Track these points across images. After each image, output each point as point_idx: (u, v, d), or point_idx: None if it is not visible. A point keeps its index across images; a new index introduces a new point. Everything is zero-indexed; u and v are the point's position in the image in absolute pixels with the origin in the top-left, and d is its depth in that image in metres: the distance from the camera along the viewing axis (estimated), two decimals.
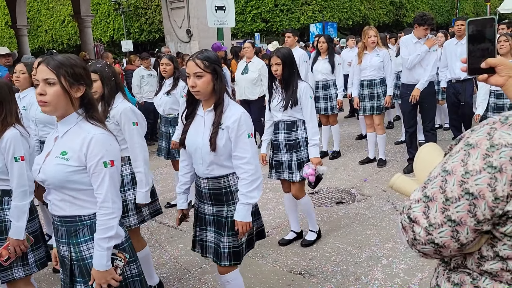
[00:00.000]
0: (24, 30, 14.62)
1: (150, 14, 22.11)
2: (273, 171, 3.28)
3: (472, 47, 0.98)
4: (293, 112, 3.08)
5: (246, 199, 2.05)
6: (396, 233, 3.48)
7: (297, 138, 3.14)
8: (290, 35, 6.04)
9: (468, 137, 0.87)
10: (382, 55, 5.10)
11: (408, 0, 25.34)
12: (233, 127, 1.99)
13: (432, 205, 0.87)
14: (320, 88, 5.63)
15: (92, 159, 1.60)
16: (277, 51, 3.01)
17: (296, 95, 3.01)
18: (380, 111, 5.20)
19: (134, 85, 7.04)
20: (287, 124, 3.15)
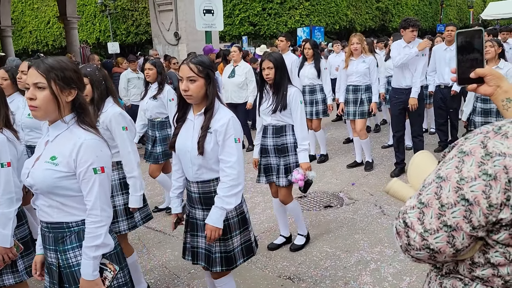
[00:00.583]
0: (8, 31, 14.37)
1: (137, 16, 21.96)
2: (262, 175, 3.26)
3: (461, 57, 1.01)
4: (282, 117, 3.08)
5: (221, 203, 2.01)
6: (384, 237, 3.51)
7: (286, 143, 3.14)
8: (283, 39, 6.07)
9: (461, 144, 0.88)
10: (368, 62, 5.16)
11: (394, 6, 25.71)
12: (221, 131, 1.99)
13: (427, 211, 0.87)
14: (307, 92, 5.67)
15: (82, 165, 1.57)
16: (269, 55, 3.02)
17: (286, 99, 3.01)
18: (363, 116, 5.25)
19: (121, 87, 6.97)
20: (276, 129, 3.14)
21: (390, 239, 3.46)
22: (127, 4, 21.88)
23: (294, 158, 3.15)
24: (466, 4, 32.26)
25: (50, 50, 25.36)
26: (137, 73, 7.18)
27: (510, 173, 0.79)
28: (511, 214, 0.80)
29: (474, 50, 0.99)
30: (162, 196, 4.80)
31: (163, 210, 4.42)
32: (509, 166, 0.79)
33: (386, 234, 3.54)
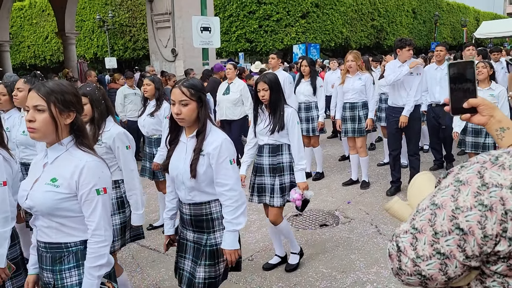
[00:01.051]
0: (6, 46, 14.43)
1: (135, 32, 22.14)
2: (254, 195, 3.24)
3: (454, 87, 1.02)
4: (279, 137, 3.09)
5: (232, 226, 2.02)
6: (380, 257, 3.49)
7: (281, 162, 3.13)
8: (274, 57, 6.13)
9: (458, 173, 0.88)
10: (364, 79, 5.20)
11: (389, 24, 26.13)
12: (214, 154, 1.98)
13: (421, 237, 0.87)
14: (303, 109, 5.71)
15: (85, 187, 1.59)
16: (264, 77, 3.03)
17: (283, 119, 3.03)
18: (362, 133, 5.28)
19: (118, 103, 6.98)
20: (272, 148, 3.14)
21: (386, 259, 3.44)
22: (125, 20, 22.09)
23: (289, 178, 3.14)
24: (459, 23, 32.87)
25: (48, 65, 25.46)
26: (133, 89, 7.21)
27: (507, 204, 0.79)
28: (509, 246, 0.80)
29: (467, 80, 1.01)
30: (157, 213, 4.76)
31: (158, 227, 4.38)
32: (506, 198, 0.80)
33: (382, 255, 3.52)
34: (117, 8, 22.21)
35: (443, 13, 31.77)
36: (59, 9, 13.03)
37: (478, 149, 4.35)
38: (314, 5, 20.96)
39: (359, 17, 23.87)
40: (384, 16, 25.60)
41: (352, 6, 23.14)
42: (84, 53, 23.96)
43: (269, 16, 19.93)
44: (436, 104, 5.62)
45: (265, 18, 19.98)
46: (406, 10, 27.74)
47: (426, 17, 29.91)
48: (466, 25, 31.18)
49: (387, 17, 25.86)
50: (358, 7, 23.61)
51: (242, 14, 20.08)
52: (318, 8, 21.24)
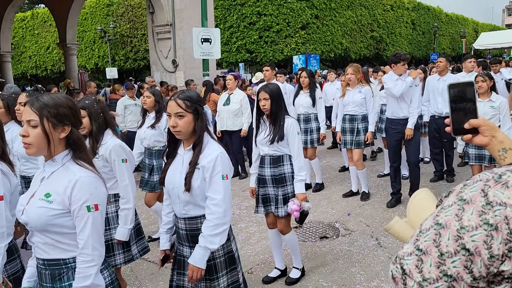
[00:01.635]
0: (8, 57, 14.50)
1: (136, 43, 22.30)
2: (260, 206, 3.23)
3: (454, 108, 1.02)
4: (279, 147, 3.08)
5: (205, 243, 1.93)
6: (381, 270, 3.45)
7: (283, 173, 3.12)
8: (268, 69, 6.13)
9: (460, 191, 0.87)
10: (364, 92, 5.20)
11: (388, 35, 26.32)
12: (208, 167, 1.94)
13: (426, 259, 0.85)
14: (301, 121, 5.71)
15: (76, 203, 1.55)
16: (265, 87, 3.05)
17: (283, 130, 3.03)
18: (359, 146, 5.25)
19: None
20: (273, 159, 3.14)
21: (387, 272, 3.41)
22: (127, 31, 22.26)
23: (292, 188, 3.13)
24: (458, 34, 33.11)
25: (49, 75, 25.59)
26: (134, 99, 7.22)
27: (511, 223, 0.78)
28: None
29: (467, 100, 1.01)
30: (156, 225, 4.73)
31: (157, 239, 4.35)
32: (510, 217, 0.78)
33: (383, 268, 3.49)
34: (119, 19, 22.40)
35: (442, 25, 32.04)
36: (60, 20, 13.12)
37: (483, 161, 4.32)
38: (314, 17, 21.14)
39: (358, 28, 24.05)
40: (384, 27, 25.81)
41: (351, 18, 23.34)
42: (85, 64, 24.09)
43: (269, 27, 20.08)
44: (439, 115, 5.62)
45: (265, 29, 20.14)
46: (405, 22, 27.97)
47: (425, 28, 30.14)
48: (465, 36, 31.41)
49: (387, 28, 26.07)
50: (357, 18, 23.81)
51: (242, 25, 20.24)
52: (318, 19, 21.42)
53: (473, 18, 38.35)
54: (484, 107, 4.26)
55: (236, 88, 6.58)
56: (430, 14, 30.94)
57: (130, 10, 22.14)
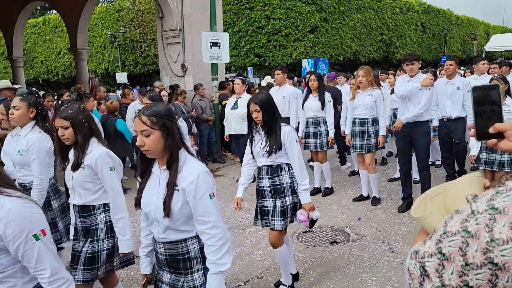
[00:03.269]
0: (20, 62, 14.70)
1: (146, 48, 22.48)
2: (258, 218, 3.13)
3: (478, 112, 0.98)
4: (277, 157, 2.97)
5: (217, 268, 1.76)
6: (393, 276, 3.40)
7: (282, 183, 3.01)
8: (279, 73, 6.11)
9: (492, 199, 0.81)
10: (375, 95, 5.13)
11: (397, 38, 26.16)
12: (190, 189, 1.73)
13: (449, 265, 0.80)
14: (311, 124, 5.68)
15: (17, 239, 1.40)
16: (255, 98, 2.91)
17: (280, 139, 2.92)
18: (370, 150, 5.18)
19: (129, 118, 7.03)
20: (271, 169, 3.03)
21: (399, 278, 3.35)
22: (136, 36, 22.46)
23: (291, 199, 3.02)
24: (469, 37, 32.79)
25: (60, 80, 25.90)
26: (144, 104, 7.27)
27: None
28: None
29: (492, 104, 0.97)
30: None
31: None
32: None
33: (395, 274, 3.43)
34: (128, 24, 22.62)
35: (453, 27, 31.77)
36: (71, 25, 13.27)
37: (493, 166, 4.24)
38: (323, 20, 21.11)
39: (367, 31, 23.95)
40: (393, 30, 25.66)
41: (360, 21, 23.25)
42: (96, 68, 24.35)
43: (278, 31, 20.09)
44: (448, 119, 5.55)
45: (274, 33, 20.15)
46: (415, 24, 27.79)
47: (435, 31, 29.91)
48: (476, 39, 31.08)
49: (396, 31, 25.91)
50: (366, 21, 23.71)
51: (251, 29, 20.28)
52: (327, 22, 21.38)
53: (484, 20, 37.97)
54: None
55: (244, 92, 6.59)
56: (440, 17, 30.71)
57: (139, 15, 22.35)
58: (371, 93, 5.14)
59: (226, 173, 7.34)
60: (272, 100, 2.95)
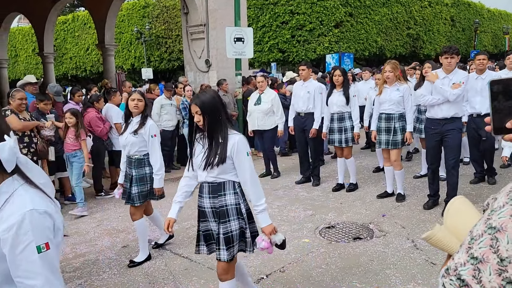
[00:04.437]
0: (51, 58, 15.14)
1: (171, 44, 22.74)
2: (201, 244, 2.62)
3: (496, 106, 0.96)
4: (220, 172, 2.45)
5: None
6: (417, 273, 3.36)
7: (225, 205, 2.47)
8: (304, 68, 6.04)
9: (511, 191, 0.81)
10: (402, 90, 5.02)
11: (425, 33, 25.49)
12: (6, 238, 1.22)
13: (484, 267, 0.78)
14: (335, 120, 5.65)
15: None
16: (196, 98, 2.43)
17: (226, 150, 2.40)
18: (396, 146, 5.09)
19: (154, 113, 7.17)
20: (212, 187, 2.49)
21: (423, 275, 3.31)
22: (161, 32, 22.74)
23: (237, 224, 2.49)
24: (501, 31, 31.65)
25: (88, 76, 26.54)
26: (170, 99, 7.39)
27: None
28: None
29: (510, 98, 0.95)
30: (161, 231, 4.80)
31: (162, 245, 4.20)
32: None
33: (419, 271, 3.39)
34: (154, 20, 22.92)
35: (484, 20, 30.71)
36: (99, 22, 13.57)
37: None
38: (348, 15, 20.79)
39: (394, 25, 23.45)
40: (421, 24, 25.02)
41: (387, 15, 22.78)
42: (122, 64, 24.82)
43: (302, 26, 19.93)
44: (477, 114, 5.40)
45: (298, 28, 20.01)
46: (444, 18, 27.00)
47: (465, 24, 28.99)
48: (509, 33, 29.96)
49: (424, 25, 25.25)
50: (393, 15, 23.22)
51: (275, 25, 20.20)
52: (352, 17, 21.05)
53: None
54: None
55: (267, 87, 6.63)
56: (471, 10, 29.72)
57: (165, 11, 22.60)
58: (398, 88, 5.03)
59: None
60: (219, 103, 2.45)
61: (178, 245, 4.20)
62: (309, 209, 5.11)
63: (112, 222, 5.02)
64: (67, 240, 4.48)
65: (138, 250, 4.10)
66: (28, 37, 28.27)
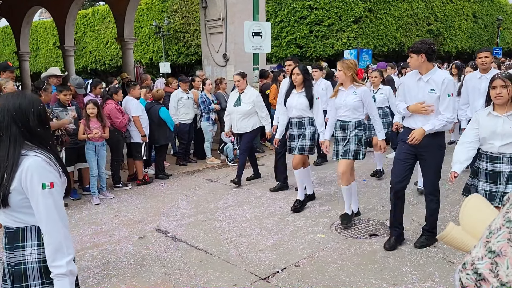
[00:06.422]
0: (71, 51, 15.39)
1: (189, 38, 22.84)
2: None
3: None
4: (16, 213, 1.65)
5: None
6: (435, 271, 3.31)
7: (23, 262, 1.67)
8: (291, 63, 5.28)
9: None
10: (359, 94, 4.17)
11: (446, 29, 24.98)
12: None
13: (502, 261, 0.77)
14: (295, 125, 4.86)
15: None
16: None
17: (11, 180, 1.60)
18: (346, 156, 4.23)
19: (171, 107, 7.22)
20: (8, 234, 1.70)
21: (441, 274, 3.26)
22: (180, 27, 22.86)
23: None
24: None
25: (107, 69, 26.90)
26: (187, 93, 7.43)
27: None
28: None
29: None
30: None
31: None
32: None
33: (436, 269, 3.34)
34: (172, 14, 23.06)
35: (507, 17, 29.91)
36: (119, 16, 13.71)
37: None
38: (367, 10, 20.52)
39: (414, 21, 23.05)
40: (442, 20, 24.52)
41: (407, 11, 22.40)
42: (141, 58, 25.07)
43: (321, 21, 19.76)
44: None
45: (316, 23, 19.84)
46: (466, 14, 26.40)
47: (487, 21, 28.28)
48: None
49: (445, 21, 24.74)
50: (413, 11, 22.81)
51: (293, 20, 20.08)
52: (371, 12, 20.77)
53: None
54: (505, 126, 2.85)
55: (248, 86, 6.02)
56: (494, 6, 28.96)
57: (183, 5, 22.71)
58: (355, 91, 4.19)
59: (265, 162, 7.38)
60: (19, 109, 1.65)
61: (194, 237, 4.24)
62: (325, 204, 5.09)
63: (129, 213, 5.10)
64: (85, 230, 4.57)
65: (154, 241, 4.18)
66: (49, 31, 28.79)
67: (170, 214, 4.96)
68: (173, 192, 5.94)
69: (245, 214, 4.88)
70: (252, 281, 3.30)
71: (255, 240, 4.09)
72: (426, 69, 3.49)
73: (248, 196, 5.57)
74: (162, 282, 3.34)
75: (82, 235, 4.40)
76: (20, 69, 16.23)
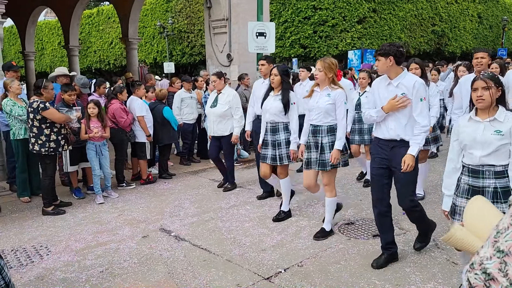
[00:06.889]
0: (76, 51, 15.45)
1: (192, 38, 22.89)
2: None
3: None
4: None
5: None
6: (438, 272, 3.31)
7: None
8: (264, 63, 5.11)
9: None
10: (333, 97, 3.85)
11: (451, 30, 24.88)
12: None
13: (510, 260, 0.77)
14: (269, 131, 4.62)
15: None
16: None
17: None
18: (324, 167, 3.96)
19: (175, 107, 7.24)
20: None
21: (444, 275, 3.26)
22: (184, 27, 22.91)
23: None
24: None
25: (111, 69, 26.99)
26: (190, 92, 7.45)
27: None
28: None
29: None
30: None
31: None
32: None
33: (440, 270, 3.34)
34: (177, 15, 23.11)
35: None
36: (123, 16, 13.75)
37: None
38: (372, 10, 20.48)
39: (419, 22, 22.97)
40: (446, 21, 24.43)
41: (411, 11, 22.34)
42: (145, 58, 25.14)
43: (325, 22, 19.74)
44: None
45: (320, 24, 19.82)
46: (471, 15, 26.28)
47: (493, 22, 28.14)
48: None
49: (450, 22, 24.65)
50: (418, 12, 22.74)
51: (297, 20, 20.08)
52: (376, 13, 20.73)
53: None
54: (485, 133, 2.53)
55: (226, 86, 5.66)
56: (499, 7, 28.81)
57: (187, 6, 22.76)
58: (329, 93, 3.89)
59: None
60: None
61: (197, 237, 4.25)
62: None
63: (133, 212, 5.12)
64: (89, 229, 4.59)
65: (158, 240, 4.19)
66: (54, 31, 28.93)
67: (174, 214, 4.98)
68: (176, 191, 5.96)
69: (248, 214, 4.89)
70: (255, 280, 3.31)
71: (258, 240, 4.10)
72: (395, 73, 3.24)
73: (251, 196, 5.58)
74: (165, 281, 3.36)
75: (86, 234, 4.43)
76: (25, 69, 16.30)
